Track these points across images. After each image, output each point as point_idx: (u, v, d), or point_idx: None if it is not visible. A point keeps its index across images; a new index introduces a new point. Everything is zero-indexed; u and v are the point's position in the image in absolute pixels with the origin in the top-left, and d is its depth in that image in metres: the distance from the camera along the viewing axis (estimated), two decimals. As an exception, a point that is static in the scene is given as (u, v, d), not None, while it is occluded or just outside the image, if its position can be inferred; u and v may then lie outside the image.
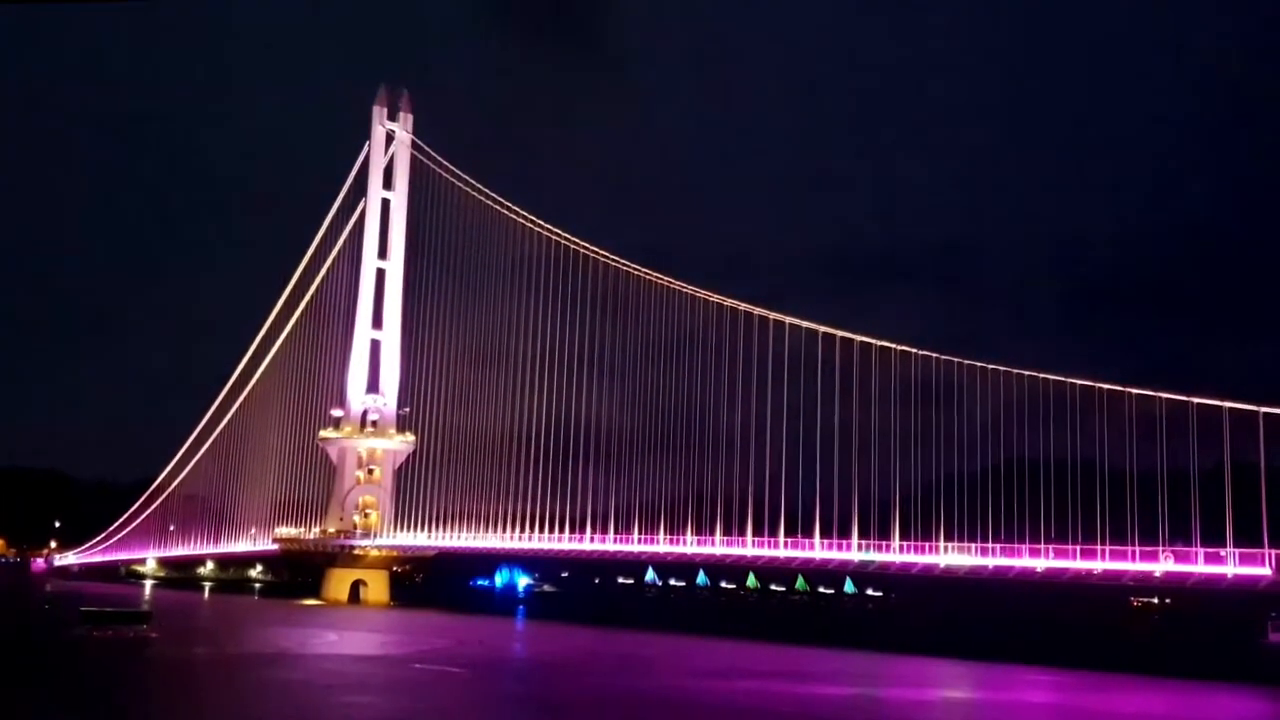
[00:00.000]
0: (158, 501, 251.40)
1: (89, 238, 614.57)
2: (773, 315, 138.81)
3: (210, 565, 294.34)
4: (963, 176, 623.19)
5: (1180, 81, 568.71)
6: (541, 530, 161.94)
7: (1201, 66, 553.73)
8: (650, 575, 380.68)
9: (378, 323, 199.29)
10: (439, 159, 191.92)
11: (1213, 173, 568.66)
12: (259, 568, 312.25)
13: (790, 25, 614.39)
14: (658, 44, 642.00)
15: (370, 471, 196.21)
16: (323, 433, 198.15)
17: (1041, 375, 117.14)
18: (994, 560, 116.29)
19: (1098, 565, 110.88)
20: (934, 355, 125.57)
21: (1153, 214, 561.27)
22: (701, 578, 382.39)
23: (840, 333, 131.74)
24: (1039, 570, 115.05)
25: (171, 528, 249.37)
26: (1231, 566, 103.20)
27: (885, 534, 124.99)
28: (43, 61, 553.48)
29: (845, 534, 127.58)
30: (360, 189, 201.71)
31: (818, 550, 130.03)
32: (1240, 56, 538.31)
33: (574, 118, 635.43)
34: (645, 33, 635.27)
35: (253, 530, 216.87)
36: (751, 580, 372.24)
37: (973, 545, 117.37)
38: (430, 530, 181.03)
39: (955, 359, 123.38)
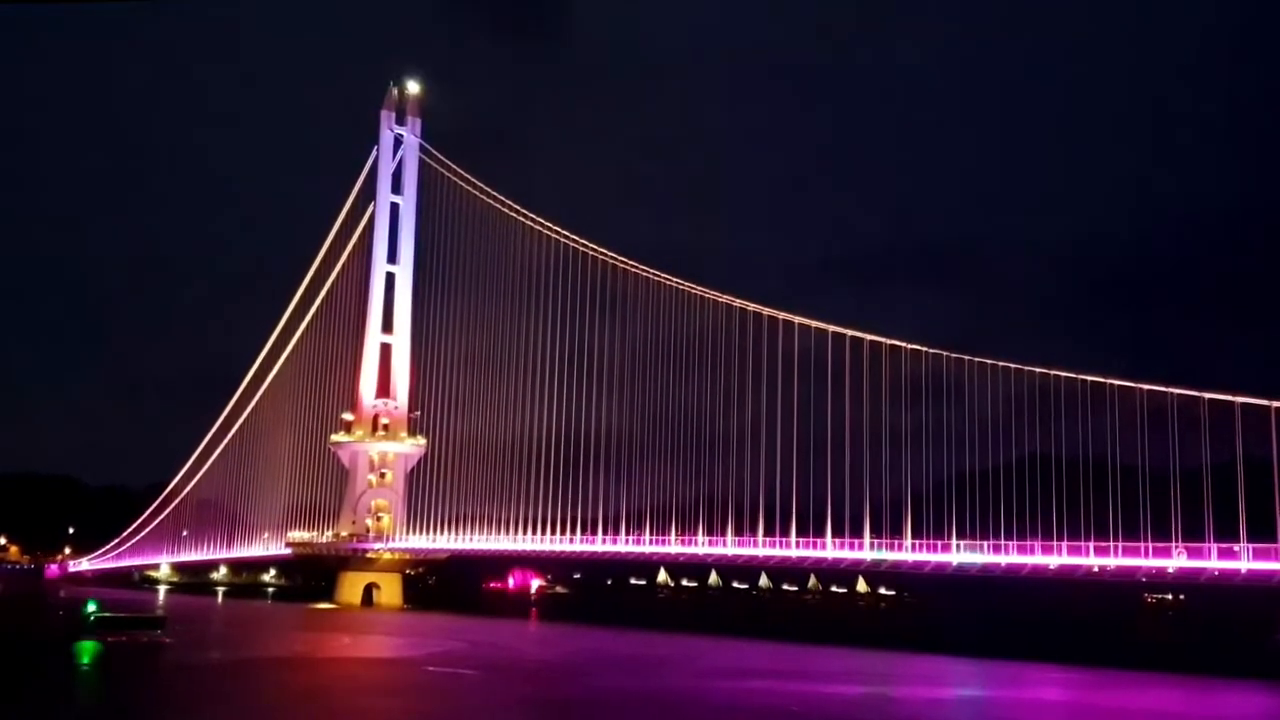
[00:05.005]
0: (170, 507, 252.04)
1: (99, 243, 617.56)
2: (782, 315, 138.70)
3: (223, 570, 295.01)
4: (971, 175, 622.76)
5: (1184, 75, 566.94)
6: (554, 532, 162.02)
7: (1207, 61, 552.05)
8: (662, 576, 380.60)
9: (388, 327, 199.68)
10: (448, 163, 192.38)
11: (1222, 168, 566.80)
12: (272, 572, 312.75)
13: (795, 25, 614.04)
14: (661, 44, 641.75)
15: (382, 475, 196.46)
16: (334, 436, 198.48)
17: (1052, 372, 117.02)
18: (1006, 558, 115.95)
19: (1111, 562, 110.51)
20: (944, 353, 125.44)
21: (1162, 210, 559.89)
22: (714, 578, 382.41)
23: (850, 332, 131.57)
24: (1052, 567, 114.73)
25: (184, 533, 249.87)
26: (1245, 562, 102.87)
27: (897, 533, 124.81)
28: (48, 65, 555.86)
29: (857, 533, 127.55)
30: (369, 193, 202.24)
31: (829, 550, 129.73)
32: (1244, 48, 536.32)
33: (576, 118, 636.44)
34: (648, 32, 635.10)
35: (265, 535, 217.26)
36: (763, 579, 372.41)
37: (985, 543, 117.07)
38: (443, 533, 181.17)
39: (966, 357, 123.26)
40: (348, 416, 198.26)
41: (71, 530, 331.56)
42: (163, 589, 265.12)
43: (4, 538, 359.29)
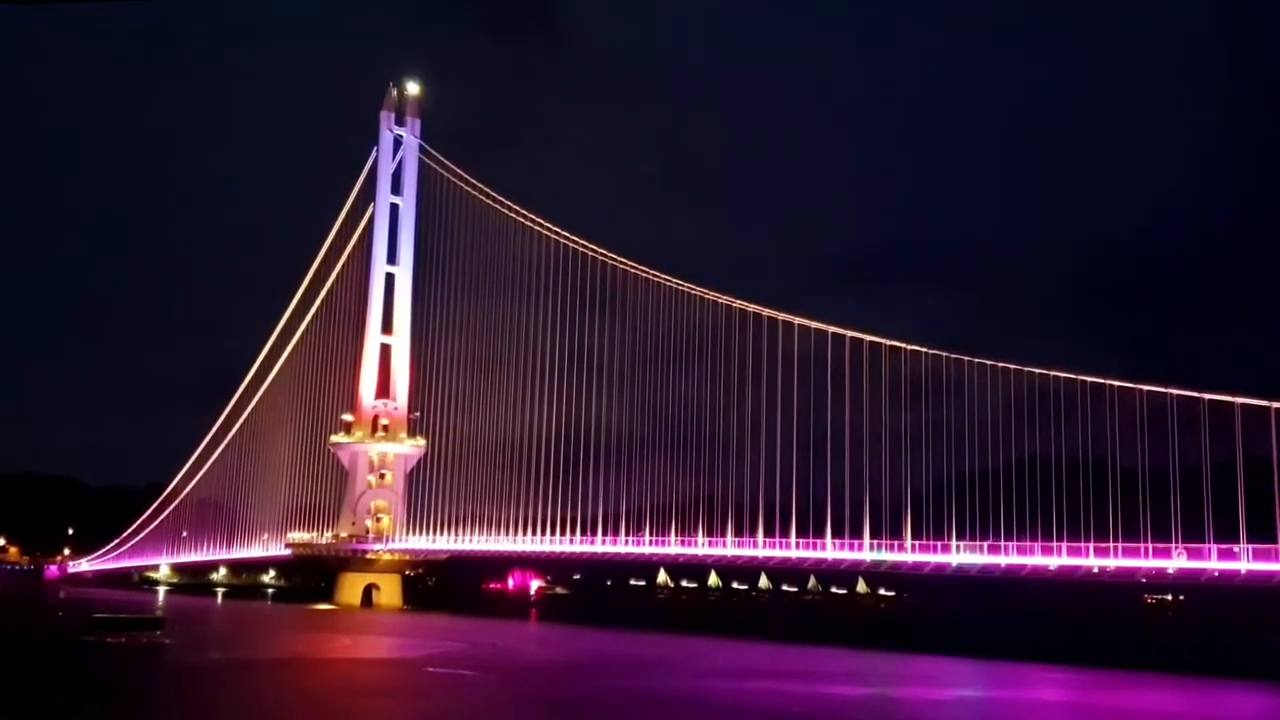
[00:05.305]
0: (170, 508, 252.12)
1: (99, 244, 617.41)
2: (782, 316, 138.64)
3: (223, 571, 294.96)
4: (971, 175, 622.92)
5: (1184, 75, 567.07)
6: (553, 532, 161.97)
7: (1207, 62, 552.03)
8: (662, 577, 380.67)
9: (388, 327, 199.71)
10: (448, 163, 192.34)
11: (1222, 168, 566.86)
12: (272, 573, 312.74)
13: (795, 25, 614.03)
14: (661, 44, 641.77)
15: (382, 476, 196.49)
16: (334, 437, 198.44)
17: (1052, 373, 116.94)
18: (1006, 559, 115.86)
19: (1111, 563, 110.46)
20: (944, 354, 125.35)
21: (1162, 210, 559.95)
22: (714, 579, 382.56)
23: (850, 333, 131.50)
24: (1052, 568, 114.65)
25: (184, 534, 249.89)
26: (1245, 562, 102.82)
27: (897, 533, 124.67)
28: (48, 64, 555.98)
29: (857, 534, 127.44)
30: (369, 193, 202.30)
31: (829, 550, 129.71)
32: (1244, 48, 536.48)
33: (576, 118, 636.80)
34: (648, 32, 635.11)
35: (265, 535, 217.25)
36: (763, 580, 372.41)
37: (985, 544, 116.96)
38: (442, 533, 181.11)
39: (966, 357, 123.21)
40: (347, 417, 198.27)
41: (71, 531, 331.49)
42: (162, 590, 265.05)
43: (4, 538, 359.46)
